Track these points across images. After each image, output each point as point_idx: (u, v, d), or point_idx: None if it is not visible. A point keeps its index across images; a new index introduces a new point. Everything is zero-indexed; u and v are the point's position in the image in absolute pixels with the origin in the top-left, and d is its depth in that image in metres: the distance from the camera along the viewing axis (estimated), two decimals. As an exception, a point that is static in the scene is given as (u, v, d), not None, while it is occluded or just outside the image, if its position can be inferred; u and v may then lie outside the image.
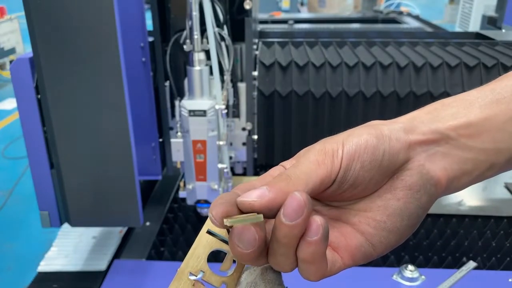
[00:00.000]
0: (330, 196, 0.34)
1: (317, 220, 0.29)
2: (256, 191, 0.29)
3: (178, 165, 1.27)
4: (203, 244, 0.34)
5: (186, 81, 1.19)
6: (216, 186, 1.17)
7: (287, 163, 0.35)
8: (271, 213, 0.29)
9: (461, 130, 0.33)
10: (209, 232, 0.34)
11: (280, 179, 0.30)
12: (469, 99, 0.34)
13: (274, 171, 0.35)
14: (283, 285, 0.34)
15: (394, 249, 1.33)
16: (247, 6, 1.18)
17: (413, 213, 0.33)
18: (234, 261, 0.34)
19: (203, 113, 1.10)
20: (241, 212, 0.30)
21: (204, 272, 0.34)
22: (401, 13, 2.66)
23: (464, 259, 1.17)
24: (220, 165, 1.17)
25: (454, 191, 0.35)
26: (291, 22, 2.38)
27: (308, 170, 0.31)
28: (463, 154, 0.34)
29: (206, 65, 1.12)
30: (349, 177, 0.32)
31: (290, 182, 0.30)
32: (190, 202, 1.22)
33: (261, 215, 0.29)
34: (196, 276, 0.34)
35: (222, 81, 1.18)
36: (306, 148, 0.34)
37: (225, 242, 0.34)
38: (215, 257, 0.51)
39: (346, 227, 0.34)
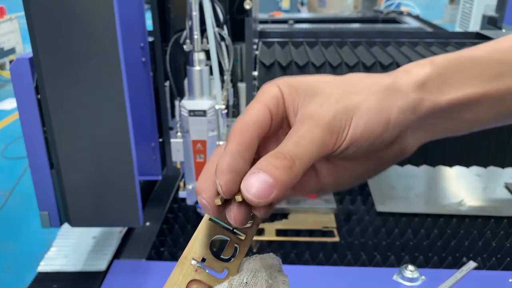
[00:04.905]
0: None
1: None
2: (260, 184, 0.28)
3: (178, 165, 1.27)
4: (205, 230, 0.35)
5: (186, 81, 1.19)
6: (216, 186, 1.17)
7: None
8: None
9: (458, 105, 0.32)
10: (211, 219, 0.35)
11: (284, 164, 0.28)
12: (476, 70, 0.32)
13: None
14: (283, 272, 0.34)
15: (394, 249, 1.32)
16: (247, 6, 1.17)
17: (370, 177, 0.34)
18: (236, 248, 0.35)
19: (203, 113, 1.10)
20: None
21: (206, 258, 0.34)
22: (401, 13, 2.65)
23: (464, 259, 1.17)
24: (220, 165, 1.16)
25: None
26: (291, 22, 2.37)
27: (313, 150, 0.30)
28: (445, 124, 0.33)
29: (206, 65, 1.12)
30: (341, 155, 0.32)
31: (294, 170, 0.28)
32: (190, 202, 1.22)
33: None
34: (199, 262, 0.34)
35: (222, 81, 1.18)
36: (315, 88, 0.32)
37: (227, 229, 0.35)
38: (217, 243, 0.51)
39: (311, 173, 0.34)
